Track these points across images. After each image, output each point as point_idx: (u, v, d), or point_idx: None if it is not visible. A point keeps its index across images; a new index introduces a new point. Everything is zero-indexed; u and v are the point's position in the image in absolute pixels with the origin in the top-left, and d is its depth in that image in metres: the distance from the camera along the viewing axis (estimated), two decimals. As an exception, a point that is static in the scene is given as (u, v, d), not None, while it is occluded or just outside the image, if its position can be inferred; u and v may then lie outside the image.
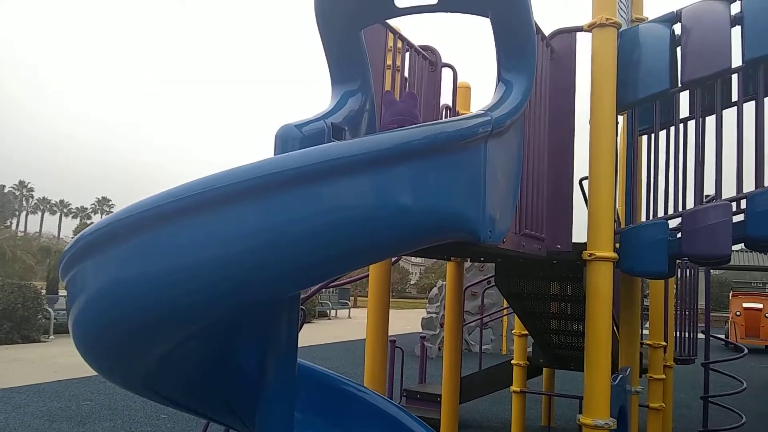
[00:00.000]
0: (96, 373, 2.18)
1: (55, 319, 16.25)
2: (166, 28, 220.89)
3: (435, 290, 17.41)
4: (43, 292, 19.38)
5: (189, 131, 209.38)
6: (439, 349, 15.23)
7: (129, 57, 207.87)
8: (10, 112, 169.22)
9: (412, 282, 66.91)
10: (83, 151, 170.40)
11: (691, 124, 4.13)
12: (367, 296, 4.93)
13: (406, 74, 3.83)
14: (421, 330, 16.13)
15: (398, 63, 3.74)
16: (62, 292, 21.84)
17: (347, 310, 31.41)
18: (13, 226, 76.03)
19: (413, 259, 66.53)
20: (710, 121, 4.00)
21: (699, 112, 3.95)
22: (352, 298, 35.23)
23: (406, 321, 21.53)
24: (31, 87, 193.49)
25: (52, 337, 15.90)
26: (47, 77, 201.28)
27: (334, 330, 21.95)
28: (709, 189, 3.96)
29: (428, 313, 16.84)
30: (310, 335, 17.85)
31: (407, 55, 3.84)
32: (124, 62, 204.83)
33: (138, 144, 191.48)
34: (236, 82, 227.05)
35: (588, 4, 3.86)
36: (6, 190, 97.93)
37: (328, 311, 29.23)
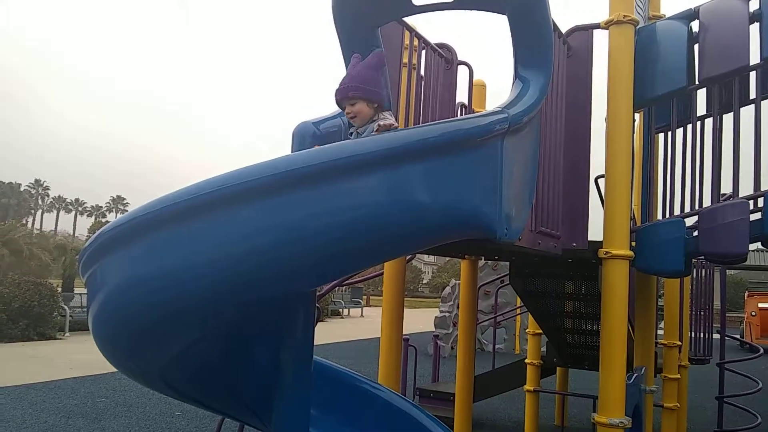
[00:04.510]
0: (111, 371, 2.21)
1: (70, 316, 16.36)
2: (182, 27, 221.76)
3: (448, 289, 17.37)
4: (59, 289, 19.55)
5: (207, 137, 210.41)
6: (452, 348, 15.22)
7: (155, 57, 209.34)
8: (25, 111, 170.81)
9: (424, 281, 66.88)
10: (99, 151, 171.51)
11: (708, 121, 4.10)
12: (379, 295, 4.93)
13: (423, 72, 3.83)
14: (433, 329, 16.11)
15: (414, 61, 3.74)
16: (78, 290, 22.06)
17: (360, 309, 31.43)
18: (29, 224, 76.70)
19: (426, 257, 66.53)
20: (727, 118, 3.97)
21: (716, 109, 3.92)
22: (364, 297, 35.24)
23: (418, 320, 21.50)
24: (51, 85, 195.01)
25: (67, 334, 16.00)
26: (67, 75, 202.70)
27: (347, 329, 21.96)
28: (726, 187, 3.93)
29: (441, 312, 16.82)
30: (324, 334, 17.84)
31: (423, 52, 3.84)
32: (147, 63, 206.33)
33: (152, 145, 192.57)
34: (263, 80, 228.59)
35: (607, 2, 3.84)
36: (22, 189, 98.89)
37: (341, 310, 29.29)
